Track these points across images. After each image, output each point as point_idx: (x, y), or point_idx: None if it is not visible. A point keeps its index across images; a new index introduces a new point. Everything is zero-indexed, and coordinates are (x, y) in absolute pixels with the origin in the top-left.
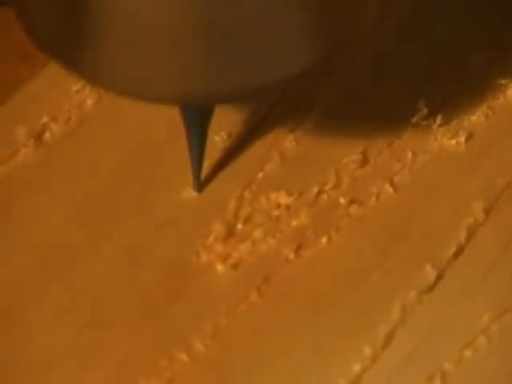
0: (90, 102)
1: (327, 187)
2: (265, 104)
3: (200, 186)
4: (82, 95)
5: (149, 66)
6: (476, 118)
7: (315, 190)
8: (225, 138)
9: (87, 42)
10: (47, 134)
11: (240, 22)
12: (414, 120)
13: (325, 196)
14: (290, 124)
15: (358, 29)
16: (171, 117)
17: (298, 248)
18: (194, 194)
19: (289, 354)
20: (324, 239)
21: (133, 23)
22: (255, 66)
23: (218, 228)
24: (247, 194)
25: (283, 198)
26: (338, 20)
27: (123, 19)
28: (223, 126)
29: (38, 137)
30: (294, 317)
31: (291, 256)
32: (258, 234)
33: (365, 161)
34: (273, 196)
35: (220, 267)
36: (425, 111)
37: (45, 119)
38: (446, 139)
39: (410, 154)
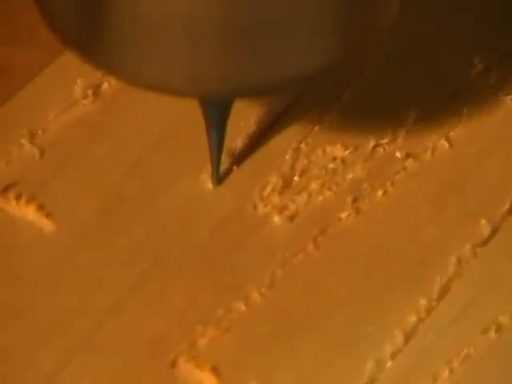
0: None
1: (383, 141)
2: None
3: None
4: None
5: (170, 61)
6: None
7: (371, 143)
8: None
9: (115, 38)
10: (105, 86)
11: (257, 20)
12: (470, 76)
13: (381, 150)
14: (348, 79)
15: (378, 30)
16: None
17: (354, 201)
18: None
19: (344, 304)
20: (380, 192)
21: (156, 20)
22: (273, 63)
23: (275, 180)
24: (303, 147)
25: (339, 152)
26: (358, 20)
27: (148, 15)
28: None
29: (97, 88)
30: (350, 268)
31: (347, 208)
32: (314, 186)
33: (421, 116)
34: (329, 149)
35: (277, 218)
36: (480, 67)
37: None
38: (501, 95)
39: (465, 110)
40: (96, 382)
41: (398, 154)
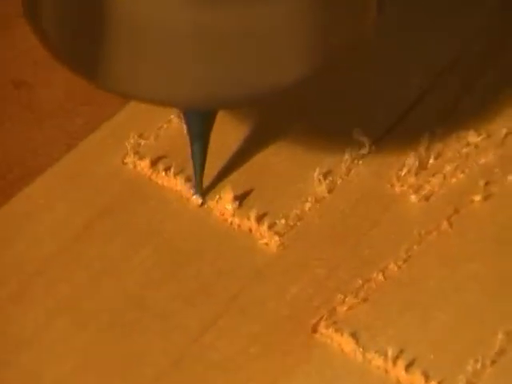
0: None
1: None
2: None
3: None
4: None
5: (156, 74)
6: None
7: (504, 131)
8: None
9: (104, 57)
10: None
11: (236, 36)
12: None
13: None
14: (482, 69)
15: (352, 42)
16: None
17: (486, 184)
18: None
19: (476, 279)
20: (510, 177)
21: (142, 41)
22: (251, 76)
23: (412, 161)
24: (439, 132)
25: (472, 137)
26: (330, 34)
27: (134, 39)
28: None
29: None
30: (481, 246)
31: (479, 191)
32: (448, 168)
33: None
34: (462, 134)
35: (413, 197)
36: None
37: None
38: None
39: None
40: (237, 343)
41: None
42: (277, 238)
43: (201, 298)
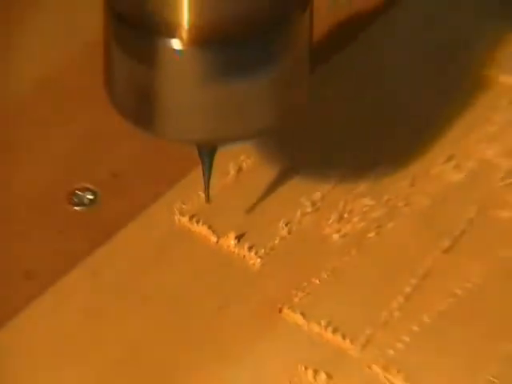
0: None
1: None
2: None
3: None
4: None
5: (180, 122)
6: None
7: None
8: None
9: (154, 113)
10: None
11: (230, 102)
12: None
13: None
14: None
15: (299, 106)
16: None
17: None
18: None
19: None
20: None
21: (177, 104)
22: (241, 124)
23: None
24: None
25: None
26: (285, 101)
27: (173, 104)
28: None
29: None
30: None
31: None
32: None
33: None
34: None
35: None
36: None
37: None
38: None
39: None
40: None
41: None
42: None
43: None
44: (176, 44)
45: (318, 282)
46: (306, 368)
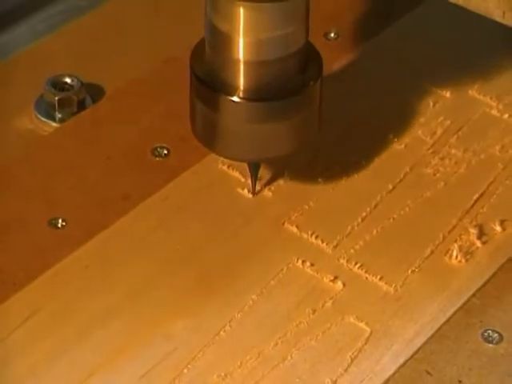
0: None
1: None
2: None
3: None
4: None
5: (235, 147)
6: None
7: None
8: None
9: (216, 140)
10: None
11: (261, 132)
12: None
13: None
14: None
15: (312, 133)
16: None
17: None
18: None
19: None
20: None
21: (233, 134)
22: (270, 151)
23: None
24: None
25: None
26: (301, 136)
27: (225, 132)
28: None
29: None
30: None
31: None
32: None
33: None
34: None
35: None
36: None
37: None
38: None
39: None
40: None
41: None
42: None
43: None
44: (235, 98)
45: (307, 207)
46: (297, 259)
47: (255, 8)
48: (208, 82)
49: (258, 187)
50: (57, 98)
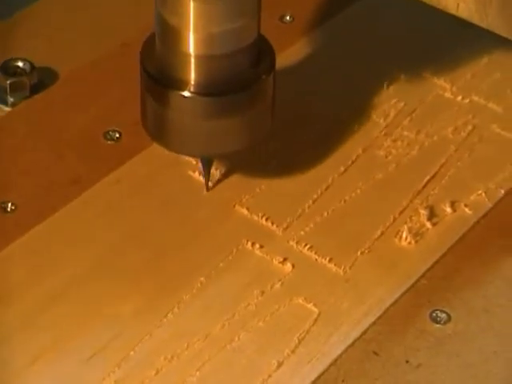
0: None
1: None
2: None
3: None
4: None
5: (187, 141)
6: None
7: None
8: None
9: (167, 135)
10: None
11: (217, 131)
12: None
13: None
14: None
15: (265, 129)
16: None
17: None
18: None
19: None
20: None
21: (180, 129)
22: (221, 146)
23: None
24: None
25: None
26: (253, 131)
27: (177, 128)
28: None
29: None
30: None
31: None
32: None
33: None
34: None
35: None
36: None
37: None
38: None
39: None
40: None
41: None
42: None
43: None
44: (185, 93)
45: (258, 190)
46: (247, 241)
47: (206, 1)
48: (158, 76)
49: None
50: (8, 82)
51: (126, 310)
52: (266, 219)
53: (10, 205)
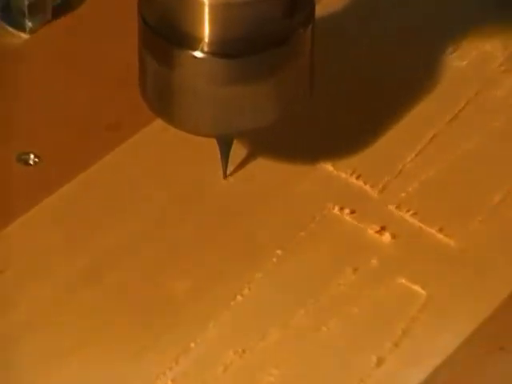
0: None
1: None
2: None
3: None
4: None
5: (200, 118)
6: None
7: None
8: None
9: (174, 108)
10: None
11: (235, 100)
12: None
13: None
14: None
15: (303, 95)
16: None
17: None
18: None
19: None
20: None
21: (192, 101)
22: (246, 119)
23: None
24: None
25: None
26: (285, 96)
27: (188, 101)
28: None
29: None
30: None
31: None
32: None
33: None
34: None
35: None
36: None
37: None
38: None
39: None
40: None
41: None
42: None
43: None
44: (197, 53)
45: (343, 141)
46: (334, 205)
47: None
48: (162, 31)
49: None
50: (27, 3)
51: (182, 289)
52: (357, 177)
53: (32, 156)
